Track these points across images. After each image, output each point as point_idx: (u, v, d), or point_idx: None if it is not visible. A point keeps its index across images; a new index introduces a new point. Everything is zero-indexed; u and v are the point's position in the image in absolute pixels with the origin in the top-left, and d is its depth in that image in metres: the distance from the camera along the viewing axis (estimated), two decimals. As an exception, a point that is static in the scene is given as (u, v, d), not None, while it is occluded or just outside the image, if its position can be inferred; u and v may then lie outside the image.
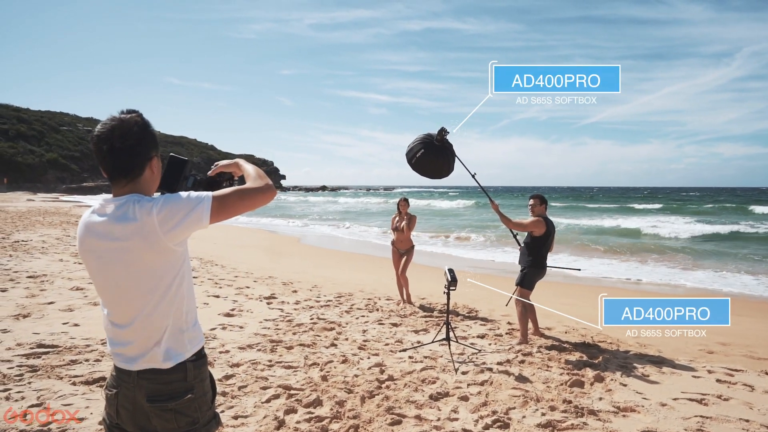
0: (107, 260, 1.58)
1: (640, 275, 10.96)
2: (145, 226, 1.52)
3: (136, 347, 1.62)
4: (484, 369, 4.63)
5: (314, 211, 37.45)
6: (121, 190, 1.62)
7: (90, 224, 1.61)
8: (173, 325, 1.64)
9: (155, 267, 1.57)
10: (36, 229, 17.41)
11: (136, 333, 1.62)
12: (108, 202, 1.61)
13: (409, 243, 7.57)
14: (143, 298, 1.59)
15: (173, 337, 1.64)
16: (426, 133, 6.05)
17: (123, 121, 1.58)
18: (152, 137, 1.65)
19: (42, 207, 34.20)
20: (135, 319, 1.61)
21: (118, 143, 1.55)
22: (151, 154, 1.64)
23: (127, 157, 1.57)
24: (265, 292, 7.95)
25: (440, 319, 6.60)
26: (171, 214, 1.53)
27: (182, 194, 1.58)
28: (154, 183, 1.70)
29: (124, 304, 1.61)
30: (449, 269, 5.10)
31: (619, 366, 4.82)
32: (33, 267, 9.35)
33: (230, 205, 1.61)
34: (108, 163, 1.58)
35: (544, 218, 5.70)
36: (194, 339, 1.72)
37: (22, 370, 4.17)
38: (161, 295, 1.60)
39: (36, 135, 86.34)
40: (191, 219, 1.55)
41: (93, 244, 1.59)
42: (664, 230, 20.20)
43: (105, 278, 1.60)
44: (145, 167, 1.63)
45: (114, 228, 1.55)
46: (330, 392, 3.95)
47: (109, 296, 1.63)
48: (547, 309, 6.88)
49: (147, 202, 1.55)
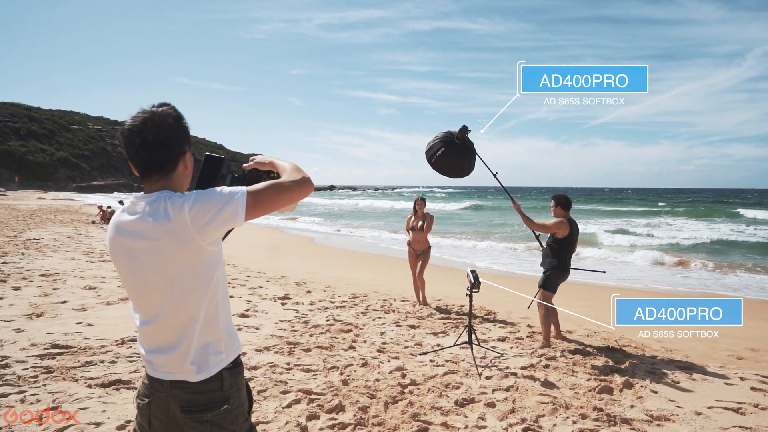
0: (138, 261, 1.47)
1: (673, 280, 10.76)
2: (177, 224, 1.42)
3: (167, 355, 1.52)
4: (508, 374, 4.49)
5: (321, 211, 37.38)
6: (153, 187, 1.52)
7: (120, 223, 1.51)
8: (208, 332, 1.53)
9: (189, 269, 1.46)
10: (47, 227, 17.46)
11: (168, 340, 1.51)
12: (139, 200, 1.50)
13: (425, 243, 7.43)
14: (176, 303, 1.48)
15: (208, 345, 1.53)
16: (446, 131, 5.91)
17: (155, 114, 1.48)
18: (186, 131, 1.55)
19: (53, 205, 34.44)
20: (168, 326, 1.50)
21: (150, 136, 1.46)
22: (184, 148, 1.54)
23: (160, 151, 1.48)
24: (278, 293, 7.85)
25: (458, 321, 6.47)
26: (204, 209, 1.42)
27: (215, 189, 1.48)
28: (187, 179, 1.60)
29: (156, 309, 1.50)
30: (472, 271, 4.96)
31: (647, 372, 4.66)
32: (45, 265, 9.32)
33: (266, 200, 1.50)
34: (140, 158, 1.48)
35: (567, 219, 5.55)
36: (231, 347, 1.60)
37: (37, 371, 4.08)
38: (196, 300, 1.49)
39: (47, 134, 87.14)
40: (225, 214, 1.44)
41: (123, 243, 1.49)
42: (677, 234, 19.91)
43: (136, 280, 1.50)
44: (178, 162, 1.53)
45: (145, 226, 1.45)
46: (352, 397, 3.83)
47: (140, 300, 1.52)
48: (566, 311, 6.72)
49: (179, 198, 1.45)
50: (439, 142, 5.78)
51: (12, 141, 77.86)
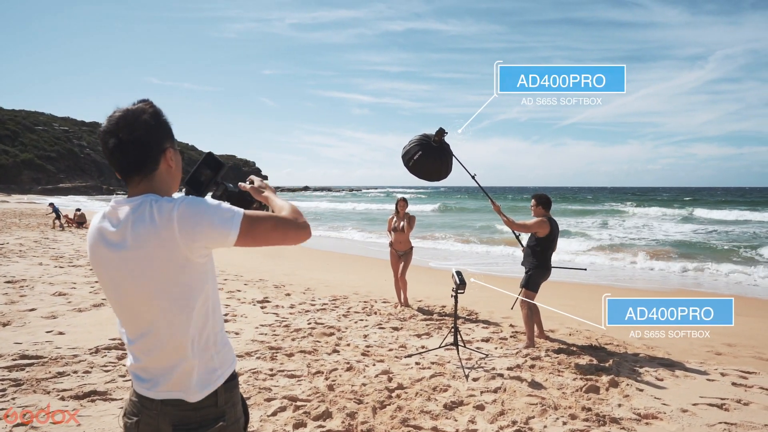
0: (121, 272, 1.36)
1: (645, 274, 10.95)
2: (163, 231, 1.31)
3: (158, 373, 1.41)
4: (495, 375, 4.46)
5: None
6: (136, 189, 1.41)
7: (102, 230, 1.39)
8: (201, 348, 1.43)
9: (176, 281, 1.35)
10: (12, 232, 16.82)
11: (155, 357, 1.41)
12: (121, 204, 1.39)
13: (407, 244, 7.38)
14: (164, 318, 1.37)
15: (202, 363, 1.43)
16: (422, 134, 5.86)
17: (129, 111, 1.38)
18: (165, 127, 1.44)
19: (18, 209, 33.23)
20: (156, 343, 1.39)
21: (125, 135, 1.35)
22: (164, 146, 1.43)
23: (136, 150, 1.37)
24: (257, 296, 7.68)
25: (441, 322, 6.43)
26: (194, 219, 1.31)
27: (210, 201, 1.37)
28: (174, 179, 1.48)
29: (143, 325, 1.39)
30: (457, 272, 4.93)
31: (631, 370, 4.70)
32: (11, 271, 8.94)
33: (262, 231, 1.39)
34: (116, 159, 1.38)
35: (548, 218, 5.56)
36: (226, 361, 1.50)
37: (5, 384, 3.86)
38: (185, 315, 1.38)
39: (9, 135, 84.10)
40: (217, 232, 1.33)
41: (105, 253, 1.38)
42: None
43: (119, 293, 1.39)
44: (159, 161, 1.42)
45: (128, 234, 1.33)
46: (339, 403, 3.74)
47: (125, 314, 1.41)
48: (548, 310, 6.76)
49: (167, 203, 1.33)
50: (416, 145, 5.72)
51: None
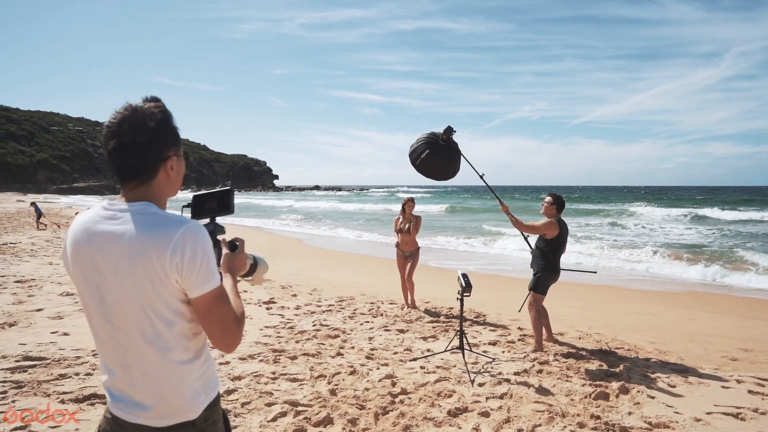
0: (106, 282, 1.29)
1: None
2: (153, 263, 1.25)
3: (133, 394, 1.34)
4: (501, 380, 4.36)
5: (301, 211, 37.08)
6: (131, 194, 1.34)
7: (94, 233, 1.30)
8: (185, 372, 1.35)
9: (163, 303, 1.29)
10: (25, 231, 17.00)
11: (131, 377, 1.33)
12: (114, 207, 1.32)
13: (414, 245, 7.29)
14: (146, 337, 1.30)
15: (186, 388, 1.36)
16: (430, 132, 5.78)
17: (136, 112, 1.29)
18: (171, 133, 1.37)
19: (32, 208, 33.62)
20: (131, 361, 1.32)
21: (127, 139, 1.28)
22: (167, 153, 1.35)
23: (136, 156, 1.29)
24: (263, 297, 7.64)
25: (448, 325, 6.33)
26: (189, 273, 1.27)
27: (210, 245, 1.31)
28: (172, 187, 1.41)
29: (123, 340, 1.32)
30: (463, 274, 4.82)
31: (642, 376, 4.56)
32: (21, 271, 9.00)
33: (216, 313, 1.32)
34: (115, 162, 1.31)
35: (557, 220, 5.44)
36: (210, 385, 1.43)
37: (6, 386, 3.84)
38: (171, 336, 1.32)
39: (26, 135, 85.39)
40: (191, 279, 1.28)
41: (93, 257, 1.30)
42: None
43: (98, 303, 1.32)
44: (158, 169, 1.34)
45: (120, 243, 1.27)
46: (340, 408, 3.66)
47: (101, 325, 1.34)
48: (557, 312, 6.63)
49: (165, 233, 1.25)
50: (424, 144, 5.64)
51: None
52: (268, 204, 49.36)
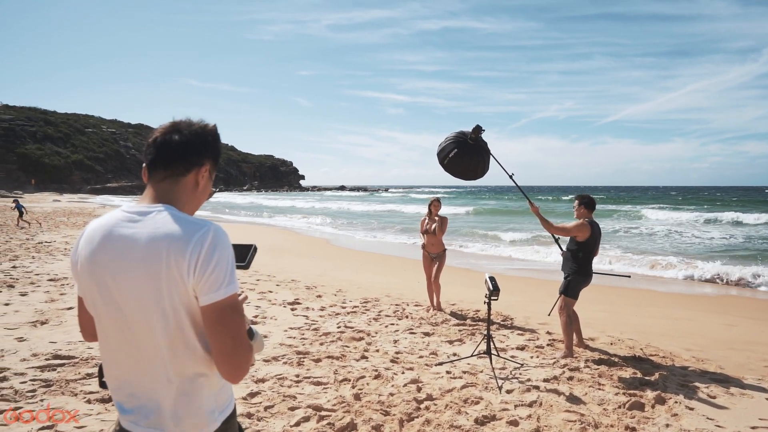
0: (123, 287, 1.23)
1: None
2: (171, 269, 1.19)
3: (146, 407, 1.29)
4: (530, 387, 4.22)
5: (329, 211, 37.22)
6: (157, 186, 1.31)
7: (112, 237, 1.25)
8: (200, 386, 1.29)
9: (179, 312, 1.23)
10: (60, 230, 17.49)
11: (144, 389, 1.28)
12: (134, 210, 1.28)
13: (440, 246, 7.18)
14: (159, 347, 1.24)
15: (200, 404, 1.29)
16: (459, 131, 5.69)
17: (190, 121, 1.38)
18: (214, 147, 1.39)
19: (67, 207, 34.74)
20: (144, 373, 1.27)
21: (173, 135, 1.32)
22: (204, 161, 1.35)
23: (177, 148, 1.31)
24: (288, 297, 7.64)
25: (474, 328, 6.20)
26: (206, 275, 1.20)
27: (229, 260, 1.24)
28: (195, 200, 1.37)
29: (133, 351, 1.27)
30: (490, 277, 4.70)
31: (680, 385, 4.36)
32: (54, 269, 9.22)
33: (228, 324, 1.22)
34: (150, 153, 1.31)
35: (589, 221, 5.26)
36: (224, 399, 1.36)
37: (35, 385, 3.90)
38: (185, 347, 1.25)
39: (62, 137, 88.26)
40: (207, 281, 1.20)
41: (109, 263, 1.24)
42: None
43: (113, 310, 1.26)
44: (191, 168, 1.33)
45: (139, 247, 1.21)
46: (365, 414, 3.59)
47: (113, 334, 1.29)
48: (587, 316, 6.43)
49: (185, 234, 1.20)
50: (452, 143, 5.54)
51: (29, 144, 78.95)
52: (298, 205, 49.80)
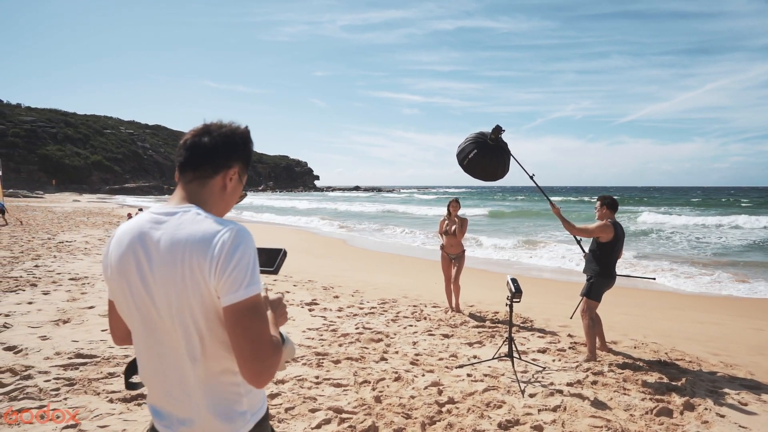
0: (151, 289, 1.22)
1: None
2: (193, 269, 1.17)
3: (175, 410, 1.26)
4: (553, 391, 4.14)
5: (343, 213, 37.26)
6: (186, 187, 1.30)
7: (140, 239, 1.24)
8: (228, 386, 1.27)
9: (205, 311, 1.20)
10: (80, 230, 17.74)
11: (173, 393, 1.26)
12: (161, 211, 1.26)
13: (460, 247, 7.11)
14: (186, 347, 1.22)
15: (229, 405, 1.27)
16: (479, 132, 5.63)
17: (221, 123, 1.36)
18: (244, 151, 1.37)
19: (87, 207, 35.27)
20: (172, 376, 1.25)
21: (202, 138, 1.32)
22: (233, 163, 1.34)
23: (206, 149, 1.30)
24: (306, 298, 7.63)
25: (494, 330, 6.12)
26: (228, 272, 1.16)
27: (251, 260, 1.20)
28: (224, 203, 1.35)
29: (162, 353, 1.25)
30: (512, 279, 4.62)
31: (709, 391, 4.24)
32: (75, 269, 9.34)
33: (253, 326, 1.17)
34: (184, 153, 1.31)
35: (612, 222, 5.15)
36: (256, 402, 1.34)
37: (59, 383, 3.93)
38: (213, 346, 1.23)
39: (82, 138, 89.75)
40: (223, 286, 1.16)
41: (137, 265, 1.23)
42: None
43: (143, 314, 1.25)
44: (219, 171, 1.31)
45: (165, 248, 1.19)
46: (386, 417, 3.55)
47: (143, 338, 1.27)
48: (608, 319, 6.31)
49: (209, 235, 1.17)
50: (471, 143, 5.49)
51: (50, 145, 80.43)
52: (311, 207, 50.01)
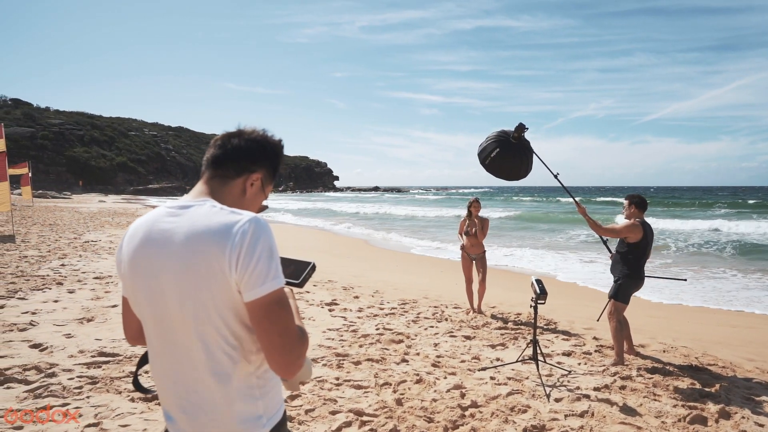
0: (165, 286, 1.16)
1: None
2: (211, 262, 1.12)
3: (189, 414, 1.21)
4: (580, 396, 4.01)
5: (358, 212, 37.25)
6: (206, 185, 1.26)
7: (153, 233, 1.19)
8: (242, 391, 1.21)
9: (218, 305, 1.14)
10: (105, 230, 18.06)
11: (187, 396, 1.21)
12: (177, 204, 1.22)
13: (481, 248, 7.00)
14: (199, 347, 1.17)
15: (238, 407, 1.21)
16: (501, 130, 5.52)
17: (255, 129, 1.34)
18: (271, 156, 1.34)
19: (112, 208, 35.95)
20: (186, 378, 1.20)
21: (231, 139, 1.30)
22: (257, 168, 1.30)
23: (230, 149, 1.27)
24: (326, 298, 7.60)
25: (517, 332, 5.99)
26: (245, 264, 1.11)
27: (272, 252, 1.15)
28: (242, 205, 1.29)
29: (176, 354, 1.20)
30: (537, 280, 4.51)
31: (745, 398, 4.06)
32: (100, 268, 9.48)
33: (278, 319, 1.13)
34: (211, 150, 1.29)
35: (641, 222, 4.99)
36: (272, 405, 1.28)
37: (82, 381, 3.96)
38: (227, 345, 1.17)
39: (107, 140, 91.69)
40: (247, 281, 1.11)
41: (151, 261, 1.18)
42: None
43: (154, 309, 1.20)
44: (241, 173, 1.28)
45: (179, 242, 1.14)
46: (407, 420, 3.48)
47: (156, 338, 1.23)
48: (635, 322, 6.12)
49: (226, 226, 1.12)
50: (494, 142, 5.38)
51: (77, 147, 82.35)
52: (336, 208, 50.18)
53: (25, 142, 73.21)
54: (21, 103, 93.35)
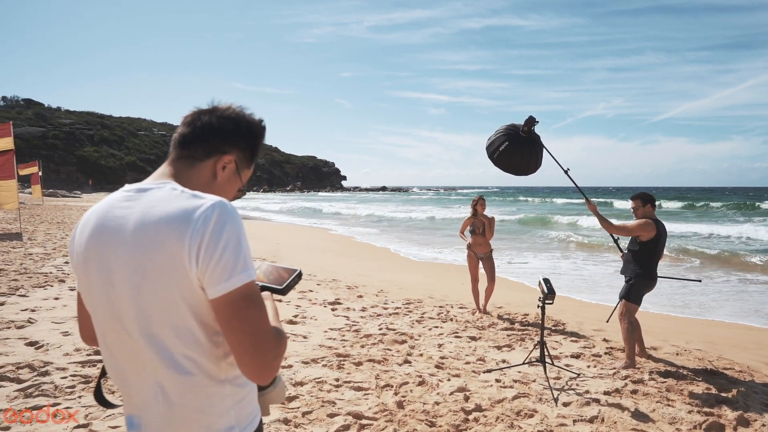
0: (119, 281, 1.03)
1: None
2: (170, 253, 0.98)
3: (151, 423, 1.08)
4: (589, 400, 3.85)
5: (358, 213, 37.10)
6: (170, 164, 1.13)
7: (107, 221, 1.06)
8: (206, 396, 1.07)
9: (181, 307, 1.00)
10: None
11: (148, 403, 1.07)
12: (133, 188, 1.10)
13: (487, 247, 6.84)
14: (160, 347, 1.03)
15: (205, 416, 1.07)
16: (510, 124, 5.36)
17: (232, 107, 1.19)
18: (246, 136, 1.19)
19: None
20: (147, 383, 1.06)
21: (205, 115, 1.16)
22: (227, 148, 1.14)
23: (199, 127, 1.13)
24: (329, 297, 7.47)
25: (523, 333, 5.83)
26: (208, 256, 0.97)
27: (240, 241, 1.00)
28: (212, 191, 1.12)
29: (134, 356, 1.06)
30: (544, 279, 4.34)
31: (764, 405, 3.87)
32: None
33: (248, 318, 0.98)
34: (180, 128, 1.16)
35: (653, 220, 4.81)
36: (245, 415, 1.13)
37: (75, 380, 3.85)
38: (189, 349, 1.03)
39: (117, 140, 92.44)
40: (210, 275, 0.97)
41: (103, 252, 1.05)
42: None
43: (109, 309, 1.06)
44: (211, 154, 1.13)
45: (134, 230, 1.01)
46: (408, 424, 3.33)
47: (112, 338, 1.09)
48: (645, 323, 5.93)
49: (185, 212, 0.98)
50: (502, 135, 5.22)
51: (87, 147, 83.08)
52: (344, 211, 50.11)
53: (36, 141, 74.01)
54: (33, 103, 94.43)
